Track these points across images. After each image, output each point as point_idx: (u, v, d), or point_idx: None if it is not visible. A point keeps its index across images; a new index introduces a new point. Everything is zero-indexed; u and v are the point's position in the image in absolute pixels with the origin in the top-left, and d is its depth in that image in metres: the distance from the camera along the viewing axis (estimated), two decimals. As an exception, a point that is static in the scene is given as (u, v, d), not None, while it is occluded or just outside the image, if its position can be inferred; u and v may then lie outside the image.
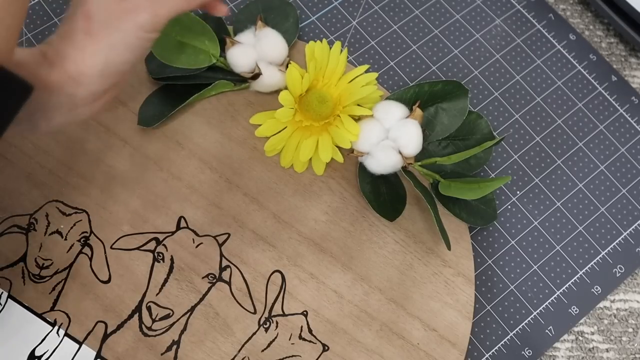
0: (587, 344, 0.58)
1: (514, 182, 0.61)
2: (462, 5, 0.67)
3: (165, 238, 0.55)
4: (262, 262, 0.55)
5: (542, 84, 0.65)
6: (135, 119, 0.58)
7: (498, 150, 0.62)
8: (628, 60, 0.67)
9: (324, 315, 0.54)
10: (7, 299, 0.52)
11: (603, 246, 0.60)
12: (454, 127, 0.57)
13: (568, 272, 0.59)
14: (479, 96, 0.64)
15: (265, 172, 0.57)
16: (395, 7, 0.66)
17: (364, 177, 0.57)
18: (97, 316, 0.52)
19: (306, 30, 0.65)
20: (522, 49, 0.66)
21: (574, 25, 0.68)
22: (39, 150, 0.56)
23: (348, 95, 0.57)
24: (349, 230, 0.56)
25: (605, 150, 0.63)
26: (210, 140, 0.58)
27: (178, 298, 0.53)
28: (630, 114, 0.64)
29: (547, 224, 0.60)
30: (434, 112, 0.58)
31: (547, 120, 0.64)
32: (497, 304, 0.57)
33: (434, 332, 0.54)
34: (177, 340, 0.52)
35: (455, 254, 0.56)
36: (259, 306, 0.54)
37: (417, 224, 0.57)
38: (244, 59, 0.57)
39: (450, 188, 0.55)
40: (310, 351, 0.53)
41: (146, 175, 0.56)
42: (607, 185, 0.62)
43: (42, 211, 0.54)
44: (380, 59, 0.64)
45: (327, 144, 0.56)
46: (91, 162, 0.56)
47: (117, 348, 0.52)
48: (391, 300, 0.55)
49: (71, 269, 0.53)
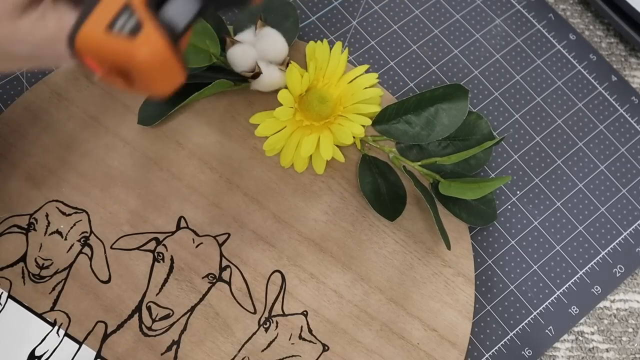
0: (587, 344, 0.58)
1: (514, 182, 0.61)
2: (462, 5, 0.67)
3: (165, 238, 0.55)
4: (262, 262, 0.55)
5: (542, 84, 0.65)
6: (135, 118, 0.58)
7: (498, 150, 0.62)
8: (628, 60, 0.67)
9: (324, 315, 0.54)
10: (7, 299, 0.52)
11: (603, 246, 0.60)
12: (454, 127, 0.57)
13: (568, 272, 0.59)
14: (479, 96, 0.64)
15: (265, 172, 0.57)
16: (395, 7, 0.66)
17: (364, 177, 0.57)
18: (97, 316, 0.52)
19: (306, 30, 0.65)
20: (522, 49, 0.66)
21: (574, 25, 0.68)
22: (39, 150, 0.56)
23: (350, 97, 0.57)
24: (349, 230, 0.56)
25: (605, 150, 0.63)
26: (210, 140, 0.58)
27: (178, 298, 0.53)
28: (630, 114, 0.64)
29: (547, 224, 0.60)
30: (434, 112, 0.58)
31: (547, 120, 0.64)
32: (497, 304, 0.57)
33: (434, 332, 0.54)
34: (177, 340, 0.52)
35: (455, 254, 0.56)
36: (259, 306, 0.54)
37: (417, 224, 0.57)
38: (244, 58, 0.57)
39: (450, 188, 0.55)
40: (310, 351, 0.53)
41: (146, 175, 0.56)
42: (607, 185, 0.62)
43: (42, 211, 0.54)
44: (380, 59, 0.64)
45: (329, 141, 0.56)
46: (91, 162, 0.56)
47: (117, 348, 0.52)
48: (391, 300, 0.55)
49: (71, 269, 0.53)
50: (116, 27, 0.33)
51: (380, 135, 0.58)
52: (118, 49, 0.33)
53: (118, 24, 0.33)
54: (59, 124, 0.57)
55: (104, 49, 0.34)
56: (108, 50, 0.34)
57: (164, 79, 0.35)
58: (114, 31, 0.33)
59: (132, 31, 0.33)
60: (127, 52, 0.33)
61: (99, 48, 0.34)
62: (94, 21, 0.34)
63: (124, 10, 0.33)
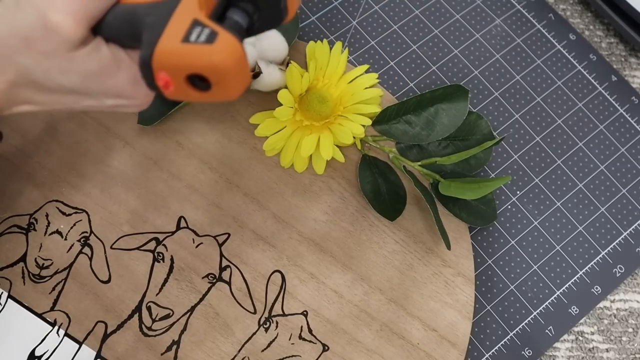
0: (587, 344, 0.58)
1: (514, 182, 0.61)
2: (462, 5, 0.67)
3: (165, 238, 0.55)
4: (262, 262, 0.55)
5: (542, 84, 0.65)
6: (135, 118, 0.58)
7: (498, 150, 0.62)
8: (628, 60, 0.67)
9: (324, 315, 0.54)
10: (7, 299, 0.52)
11: (603, 246, 0.60)
12: (454, 127, 0.57)
13: (568, 272, 0.59)
14: (479, 96, 0.64)
15: (265, 172, 0.57)
16: (395, 7, 0.66)
17: (364, 177, 0.57)
18: (97, 316, 0.52)
19: (306, 30, 0.65)
20: (522, 49, 0.66)
21: (574, 25, 0.68)
22: (39, 150, 0.56)
23: (350, 97, 0.57)
24: (349, 230, 0.56)
25: (605, 150, 0.63)
26: (210, 140, 0.58)
27: (178, 298, 0.53)
28: (630, 114, 0.64)
29: (547, 224, 0.60)
30: (434, 112, 0.58)
31: (547, 120, 0.64)
32: (497, 304, 0.57)
33: (434, 332, 0.54)
34: (177, 340, 0.52)
35: (455, 254, 0.56)
36: (259, 306, 0.54)
37: (417, 224, 0.57)
38: (244, 58, 0.57)
39: (450, 188, 0.55)
40: (310, 351, 0.53)
41: (146, 175, 0.56)
42: (607, 185, 0.62)
43: (42, 211, 0.54)
44: (380, 59, 0.64)
45: (329, 141, 0.56)
46: (91, 162, 0.56)
47: (117, 348, 0.52)
48: (391, 300, 0.55)
49: (71, 269, 0.53)
50: (192, 39, 0.37)
51: (380, 135, 0.58)
52: (199, 54, 0.36)
53: (193, 36, 0.37)
54: (59, 124, 0.57)
55: (184, 58, 0.37)
56: (188, 58, 0.37)
57: (239, 79, 0.38)
58: (191, 41, 0.37)
59: (209, 38, 0.36)
60: (209, 55, 0.36)
61: (178, 58, 0.37)
62: (169, 37, 0.37)
63: (194, 24, 0.37)
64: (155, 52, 0.37)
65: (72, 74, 0.40)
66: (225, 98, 0.38)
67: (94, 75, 0.40)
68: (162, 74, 0.38)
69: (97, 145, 0.57)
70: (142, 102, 0.43)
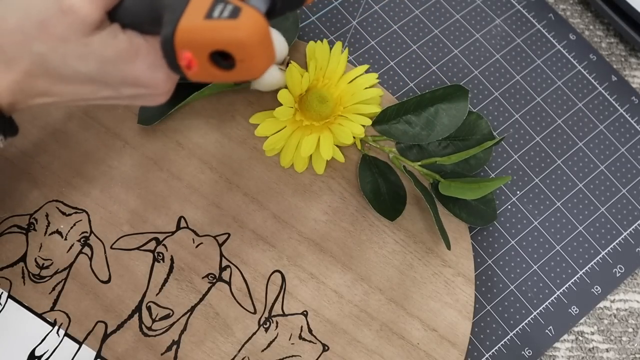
0: (587, 344, 0.58)
1: (514, 182, 0.61)
2: (462, 5, 0.67)
3: (165, 238, 0.55)
4: (262, 262, 0.55)
5: (542, 84, 0.65)
6: (135, 118, 0.58)
7: (498, 150, 0.62)
8: (628, 60, 0.67)
9: (324, 315, 0.54)
10: (7, 299, 0.52)
11: (603, 246, 0.60)
12: (454, 127, 0.57)
13: (568, 272, 0.59)
14: (479, 96, 0.64)
15: (265, 172, 0.57)
16: (395, 7, 0.66)
17: (364, 177, 0.57)
18: (97, 316, 0.52)
19: (306, 30, 0.65)
20: (522, 49, 0.66)
21: (574, 25, 0.68)
22: (39, 150, 0.56)
23: (350, 97, 0.57)
24: (349, 230, 0.56)
25: (605, 150, 0.63)
26: (210, 140, 0.58)
27: (178, 298, 0.53)
28: (630, 114, 0.64)
29: (547, 224, 0.60)
30: (434, 112, 0.58)
31: (547, 120, 0.64)
32: (497, 304, 0.57)
33: (434, 332, 0.54)
34: (177, 340, 0.52)
35: (455, 254, 0.56)
36: (259, 306, 0.54)
37: (417, 224, 0.57)
38: (244, 58, 0.57)
39: (450, 188, 0.55)
40: (310, 351, 0.53)
41: (146, 175, 0.56)
42: (607, 185, 0.62)
43: (42, 211, 0.54)
44: (380, 59, 0.64)
45: (329, 141, 0.56)
46: (91, 162, 0.56)
47: (117, 348, 0.52)
48: (391, 300, 0.55)
49: (71, 269, 0.53)
50: (215, 15, 0.36)
51: (380, 135, 0.58)
52: (223, 29, 0.35)
53: (216, 12, 0.36)
54: (59, 124, 0.57)
55: (208, 33, 0.36)
56: (212, 33, 0.36)
57: (264, 55, 0.37)
58: (214, 18, 0.36)
59: (233, 13, 0.36)
60: (234, 29, 0.35)
61: (202, 35, 0.36)
62: (191, 14, 0.36)
63: (216, 1, 0.36)
64: (178, 29, 0.36)
65: (89, 59, 0.39)
66: (250, 76, 0.37)
67: (111, 62, 0.39)
68: (185, 52, 0.37)
69: (97, 145, 0.57)
70: (162, 91, 0.42)
